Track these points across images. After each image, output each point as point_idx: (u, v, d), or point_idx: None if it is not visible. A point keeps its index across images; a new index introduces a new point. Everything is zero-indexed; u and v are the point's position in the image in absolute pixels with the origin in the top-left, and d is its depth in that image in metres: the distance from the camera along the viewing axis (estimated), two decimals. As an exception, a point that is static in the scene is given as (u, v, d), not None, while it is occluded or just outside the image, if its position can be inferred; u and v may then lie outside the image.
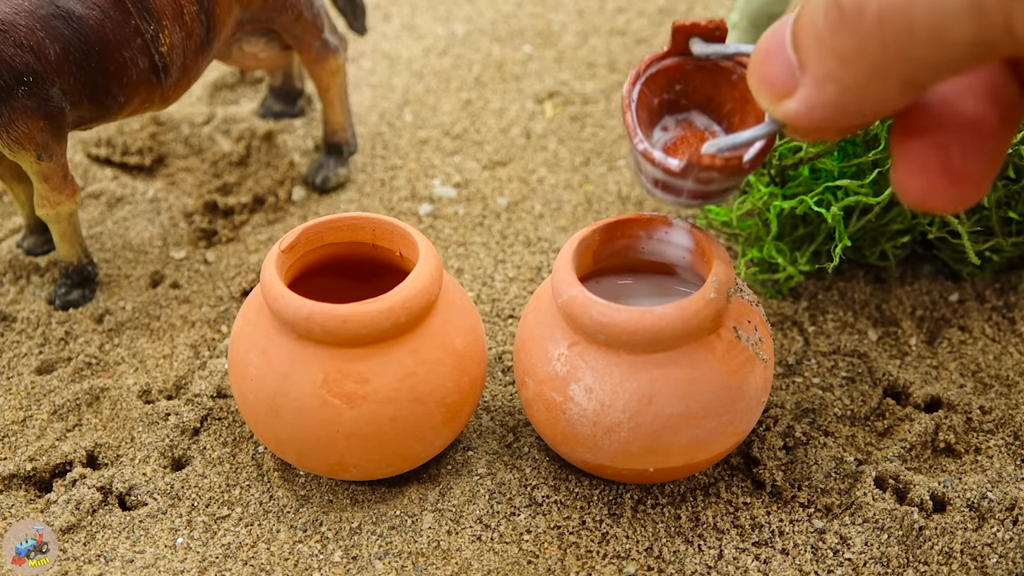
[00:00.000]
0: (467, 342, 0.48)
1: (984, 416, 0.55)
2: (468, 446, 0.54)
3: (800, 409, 0.56)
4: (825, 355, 0.60)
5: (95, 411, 0.57)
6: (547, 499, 0.51)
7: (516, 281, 0.66)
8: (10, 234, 0.71)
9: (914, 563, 0.48)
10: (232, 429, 0.56)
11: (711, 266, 0.46)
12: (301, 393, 0.45)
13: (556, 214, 0.72)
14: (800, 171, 0.63)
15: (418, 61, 0.92)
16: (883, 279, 0.65)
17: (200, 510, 0.51)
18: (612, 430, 0.45)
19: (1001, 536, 0.48)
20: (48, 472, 0.54)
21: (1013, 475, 0.51)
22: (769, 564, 0.48)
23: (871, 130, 0.59)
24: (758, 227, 0.65)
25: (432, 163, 0.77)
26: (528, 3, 1.02)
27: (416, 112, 0.84)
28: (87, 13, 0.55)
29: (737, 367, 0.45)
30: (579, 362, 0.46)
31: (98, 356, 0.60)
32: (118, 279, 0.66)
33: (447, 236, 0.70)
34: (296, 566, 0.48)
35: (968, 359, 0.59)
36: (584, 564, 0.48)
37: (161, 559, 0.49)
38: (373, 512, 0.51)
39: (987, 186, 0.29)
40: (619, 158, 0.78)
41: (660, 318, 0.43)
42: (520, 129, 0.82)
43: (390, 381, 0.45)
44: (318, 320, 0.44)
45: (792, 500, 0.51)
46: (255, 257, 0.68)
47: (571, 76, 0.89)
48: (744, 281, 0.58)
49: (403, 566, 0.48)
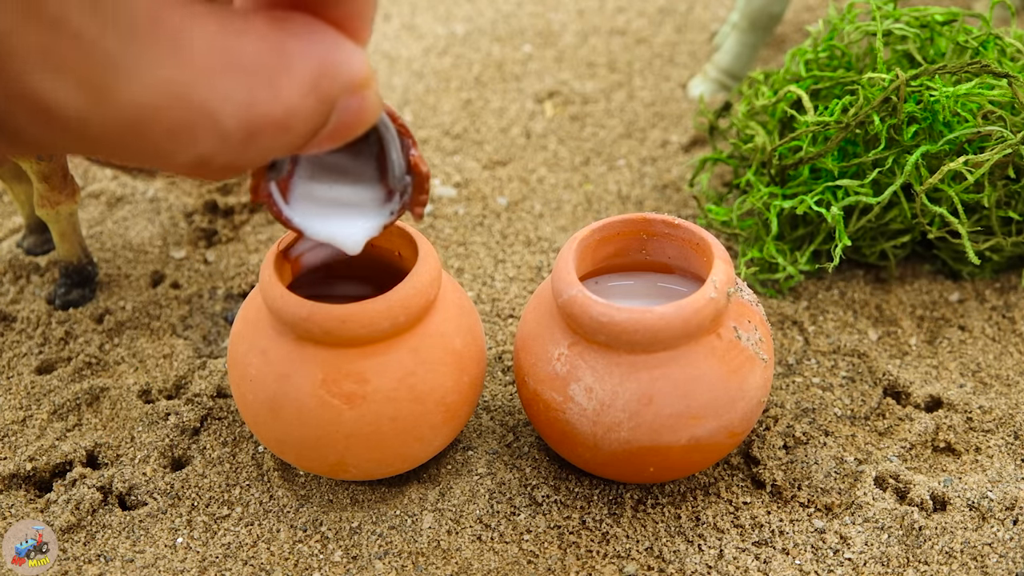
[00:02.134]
0: (466, 342, 0.48)
1: (984, 416, 0.55)
2: (468, 446, 0.54)
3: (800, 409, 0.56)
4: (825, 355, 0.59)
5: (95, 411, 0.57)
6: (547, 499, 0.51)
7: (516, 281, 0.66)
8: (10, 234, 0.71)
9: (914, 563, 0.47)
10: (232, 429, 0.56)
11: (711, 266, 0.46)
12: (300, 393, 0.45)
13: (556, 214, 0.72)
14: (800, 171, 0.63)
15: (418, 61, 0.92)
16: (883, 279, 0.65)
17: (200, 510, 0.51)
18: (612, 430, 0.45)
19: (1001, 536, 0.48)
20: (48, 472, 0.54)
21: (1013, 475, 0.51)
22: (769, 564, 0.48)
23: (871, 130, 0.59)
24: (758, 227, 0.65)
25: (432, 163, 0.77)
26: (528, 3, 1.02)
27: (416, 112, 0.84)
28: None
29: (737, 367, 0.45)
30: (579, 362, 0.46)
31: (98, 356, 0.60)
32: (118, 279, 0.66)
33: (447, 236, 0.70)
34: (296, 566, 0.48)
35: (968, 359, 0.59)
36: (584, 564, 0.48)
37: (161, 559, 0.49)
38: (373, 512, 0.51)
39: None
40: (619, 158, 0.78)
41: (660, 318, 0.43)
42: (520, 129, 0.82)
43: (389, 381, 0.45)
44: (317, 320, 0.44)
45: (792, 500, 0.51)
46: (255, 257, 0.68)
47: (571, 76, 0.89)
48: (744, 281, 0.58)
49: (403, 566, 0.48)
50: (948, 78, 0.60)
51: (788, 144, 0.61)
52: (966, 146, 0.58)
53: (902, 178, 0.58)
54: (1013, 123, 0.58)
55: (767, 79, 0.70)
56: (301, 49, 0.25)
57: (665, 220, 0.50)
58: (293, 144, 0.26)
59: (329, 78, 0.25)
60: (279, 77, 0.24)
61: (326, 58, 0.25)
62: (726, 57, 0.84)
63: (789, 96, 0.64)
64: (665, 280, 0.52)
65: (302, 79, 0.24)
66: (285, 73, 0.24)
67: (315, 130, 0.26)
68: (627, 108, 0.84)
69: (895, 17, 0.64)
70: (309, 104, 0.25)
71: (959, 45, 0.63)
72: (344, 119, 0.26)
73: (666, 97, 0.86)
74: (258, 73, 0.24)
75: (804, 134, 0.60)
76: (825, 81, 0.64)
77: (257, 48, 0.24)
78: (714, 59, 0.85)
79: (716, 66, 0.85)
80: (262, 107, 0.24)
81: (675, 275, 0.52)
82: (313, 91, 0.25)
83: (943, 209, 0.57)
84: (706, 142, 0.79)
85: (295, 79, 0.24)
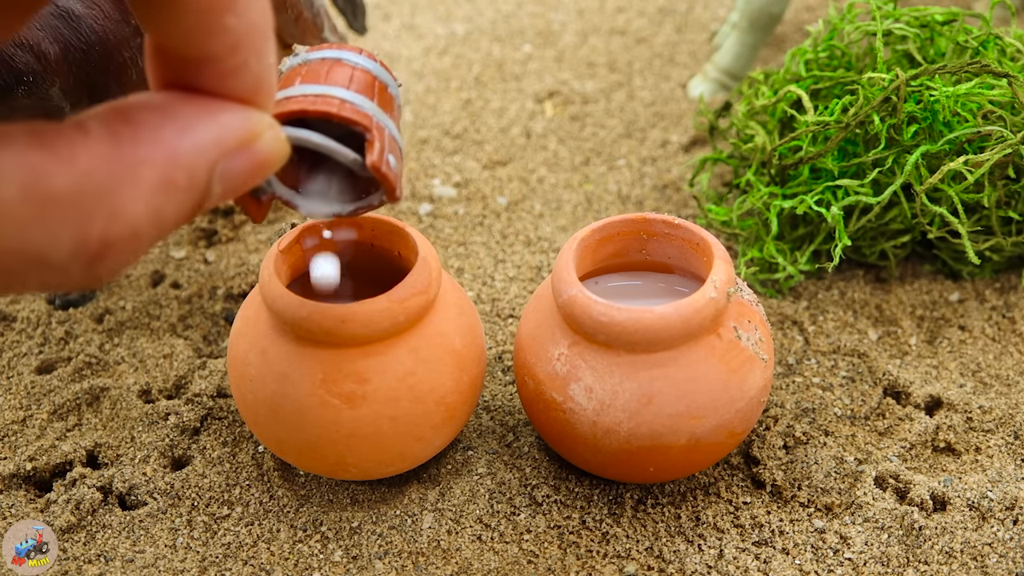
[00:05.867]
0: (466, 341, 0.48)
1: (984, 416, 0.55)
2: (468, 446, 0.54)
3: (800, 409, 0.56)
4: (825, 355, 0.59)
5: (95, 411, 0.57)
6: (547, 499, 0.51)
7: (516, 281, 0.66)
8: (10, 234, 0.71)
9: (914, 562, 0.47)
10: (232, 429, 0.56)
11: (711, 266, 0.46)
12: (300, 393, 0.45)
13: (556, 214, 0.72)
14: (800, 171, 0.63)
15: (418, 60, 0.92)
16: (883, 279, 0.65)
17: (200, 510, 0.51)
18: (612, 430, 0.45)
19: (1001, 536, 0.48)
20: (48, 472, 0.54)
21: (1013, 475, 0.51)
22: (769, 564, 0.48)
23: (871, 130, 0.59)
24: (758, 227, 0.65)
25: (432, 163, 0.77)
26: (528, 3, 1.02)
27: (416, 112, 0.84)
28: (87, 13, 0.55)
29: (737, 367, 0.45)
30: (579, 362, 0.46)
31: (98, 356, 0.60)
32: (118, 279, 0.66)
33: (447, 236, 0.70)
34: (296, 566, 0.48)
35: (968, 359, 0.59)
36: (584, 564, 0.48)
37: (161, 559, 0.49)
38: (373, 512, 0.51)
39: None
40: (619, 158, 0.78)
41: (660, 318, 0.43)
42: (520, 129, 0.82)
43: (389, 381, 0.45)
44: (317, 320, 0.44)
45: (792, 500, 0.51)
46: (255, 257, 0.68)
47: (571, 76, 0.89)
48: (744, 281, 0.58)
49: (403, 566, 0.48)
50: (948, 78, 0.60)
51: (788, 144, 0.61)
52: (966, 146, 0.58)
53: (902, 178, 0.58)
54: (1013, 123, 0.58)
55: (767, 79, 0.70)
56: (147, 153, 0.23)
57: (665, 220, 0.50)
58: (165, 231, 0.24)
59: (187, 167, 0.24)
60: (118, 192, 0.22)
61: (179, 147, 0.24)
62: (726, 57, 0.84)
63: (789, 96, 0.64)
64: (665, 280, 0.52)
65: (150, 182, 0.23)
66: (125, 187, 0.22)
67: (192, 210, 0.25)
68: (627, 108, 0.84)
69: (895, 17, 0.64)
70: (161, 202, 0.23)
71: (959, 45, 0.63)
72: (234, 177, 0.26)
73: (666, 97, 0.86)
74: (91, 198, 0.22)
75: (804, 134, 0.60)
76: (825, 81, 0.64)
77: (89, 171, 0.22)
78: (714, 59, 0.85)
79: (716, 66, 0.85)
80: (99, 232, 0.22)
81: (675, 275, 0.52)
82: (165, 187, 0.23)
83: (943, 209, 0.57)
84: (706, 142, 0.79)
85: (140, 187, 0.23)
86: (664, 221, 0.50)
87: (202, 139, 0.25)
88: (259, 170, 0.26)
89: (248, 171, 0.26)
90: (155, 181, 0.23)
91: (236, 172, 0.26)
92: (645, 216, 0.50)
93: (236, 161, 0.25)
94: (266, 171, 0.27)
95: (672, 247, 0.50)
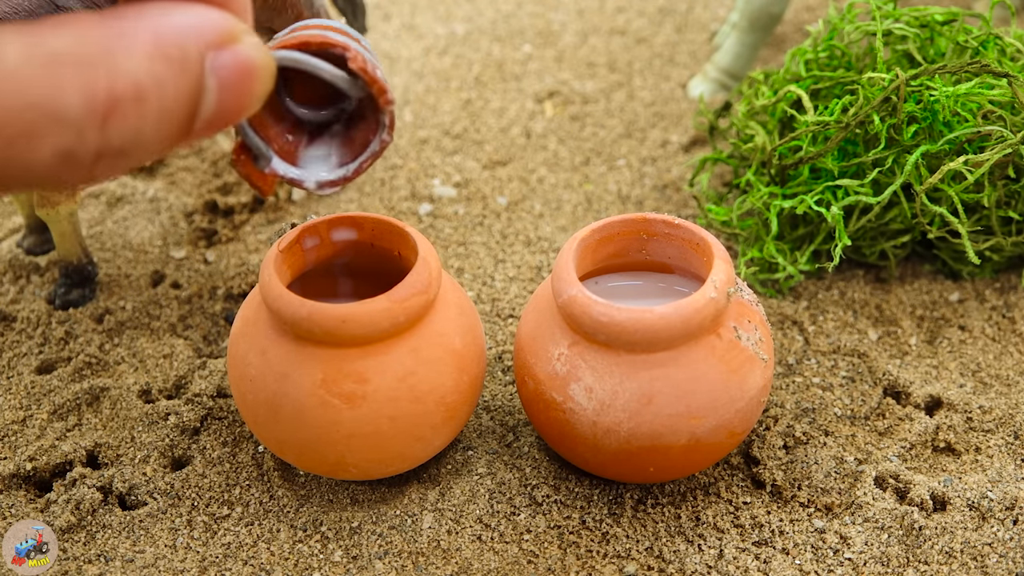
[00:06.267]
0: (466, 341, 0.48)
1: (984, 416, 0.55)
2: (468, 446, 0.54)
3: (800, 409, 0.56)
4: (825, 355, 0.59)
5: (95, 411, 0.57)
6: (547, 499, 0.51)
7: (516, 281, 0.66)
8: (10, 234, 0.71)
9: (914, 563, 0.47)
10: (232, 429, 0.56)
11: (711, 266, 0.46)
12: (300, 393, 0.45)
13: (556, 214, 0.72)
14: (800, 171, 0.63)
15: (418, 60, 0.92)
16: (883, 279, 0.65)
17: (200, 510, 0.51)
18: (612, 430, 0.45)
19: (1001, 536, 0.48)
20: (48, 472, 0.54)
21: (1013, 475, 0.51)
22: (769, 564, 0.48)
23: (871, 130, 0.59)
24: (758, 227, 0.65)
25: (432, 163, 0.77)
26: (528, 3, 1.02)
27: (416, 111, 0.84)
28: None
29: (737, 367, 0.45)
30: (579, 362, 0.46)
31: (98, 356, 0.60)
32: (118, 279, 0.66)
33: (447, 236, 0.70)
34: (296, 566, 0.48)
35: (968, 359, 0.59)
36: (584, 564, 0.48)
37: (161, 559, 0.49)
38: (373, 512, 0.51)
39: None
40: (619, 158, 0.78)
41: (660, 318, 0.43)
42: (520, 129, 0.82)
43: (389, 381, 0.45)
44: (317, 320, 0.44)
45: (792, 500, 0.51)
46: (255, 257, 0.68)
47: (571, 76, 0.89)
48: (744, 281, 0.58)
49: (403, 566, 0.48)
50: (948, 78, 0.60)
51: (788, 144, 0.61)
52: (966, 146, 0.58)
53: (902, 178, 0.58)
54: (1013, 123, 0.58)
55: (767, 79, 0.70)
56: (133, 24, 0.25)
57: (665, 220, 0.50)
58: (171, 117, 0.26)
59: (175, 42, 0.25)
60: (114, 54, 0.24)
61: (163, 23, 0.25)
62: (726, 57, 0.84)
63: (789, 96, 0.64)
64: (665, 280, 0.52)
65: (142, 47, 0.24)
66: (120, 48, 0.24)
67: (191, 96, 0.26)
68: (627, 108, 0.84)
69: (895, 17, 0.64)
70: (159, 69, 0.25)
71: (959, 45, 0.63)
72: (226, 77, 0.26)
73: (666, 97, 0.86)
74: (89, 56, 0.24)
75: (804, 134, 0.60)
76: (825, 81, 0.64)
77: (82, 34, 0.24)
78: (714, 59, 0.85)
79: (716, 66, 0.85)
80: (104, 84, 0.24)
81: (675, 275, 0.52)
82: (159, 56, 0.25)
83: (943, 209, 0.57)
84: (706, 142, 0.79)
85: (134, 50, 0.24)
86: (664, 221, 0.50)
87: (183, 21, 0.26)
88: (249, 77, 0.27)
89: (239, 73, 0.27)
90: (147, 47, 0.25)
91: (227, 70, 0.26)
92: (645, 216, 0.50)
93: (224, 57, 0.26)
94: (256, 82, 0.27)
95: (672, 247, 0.50)
